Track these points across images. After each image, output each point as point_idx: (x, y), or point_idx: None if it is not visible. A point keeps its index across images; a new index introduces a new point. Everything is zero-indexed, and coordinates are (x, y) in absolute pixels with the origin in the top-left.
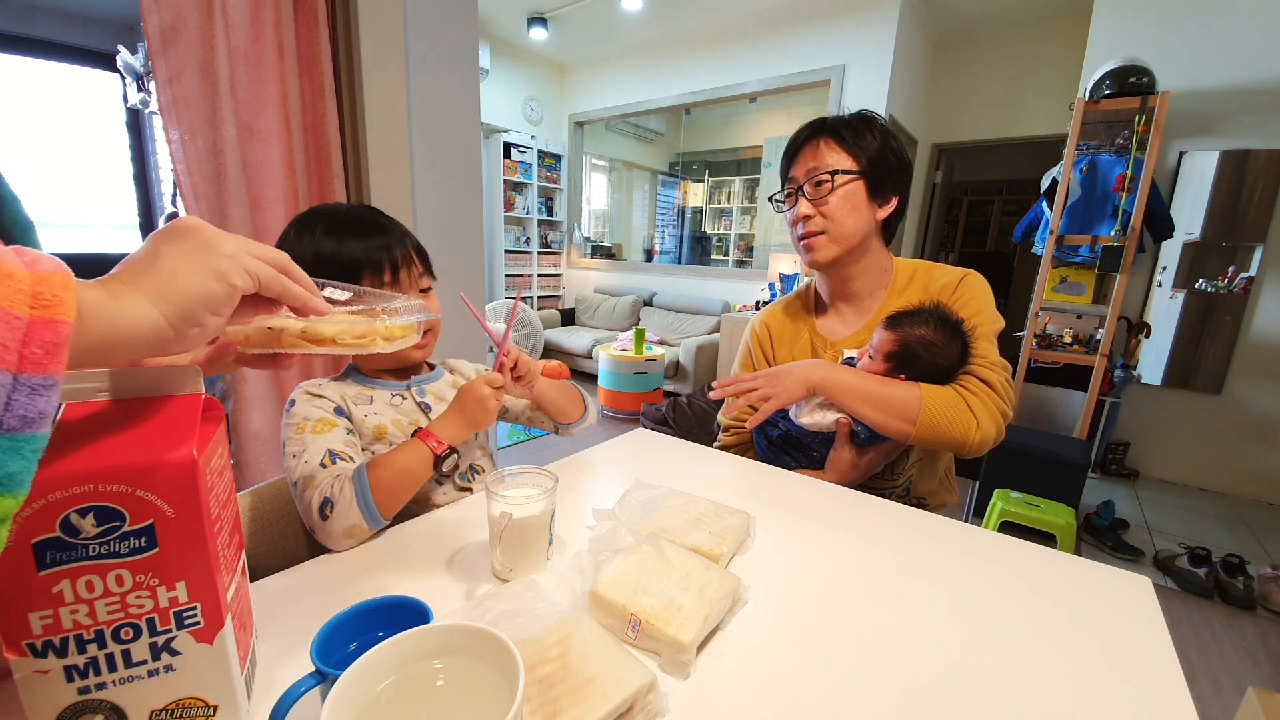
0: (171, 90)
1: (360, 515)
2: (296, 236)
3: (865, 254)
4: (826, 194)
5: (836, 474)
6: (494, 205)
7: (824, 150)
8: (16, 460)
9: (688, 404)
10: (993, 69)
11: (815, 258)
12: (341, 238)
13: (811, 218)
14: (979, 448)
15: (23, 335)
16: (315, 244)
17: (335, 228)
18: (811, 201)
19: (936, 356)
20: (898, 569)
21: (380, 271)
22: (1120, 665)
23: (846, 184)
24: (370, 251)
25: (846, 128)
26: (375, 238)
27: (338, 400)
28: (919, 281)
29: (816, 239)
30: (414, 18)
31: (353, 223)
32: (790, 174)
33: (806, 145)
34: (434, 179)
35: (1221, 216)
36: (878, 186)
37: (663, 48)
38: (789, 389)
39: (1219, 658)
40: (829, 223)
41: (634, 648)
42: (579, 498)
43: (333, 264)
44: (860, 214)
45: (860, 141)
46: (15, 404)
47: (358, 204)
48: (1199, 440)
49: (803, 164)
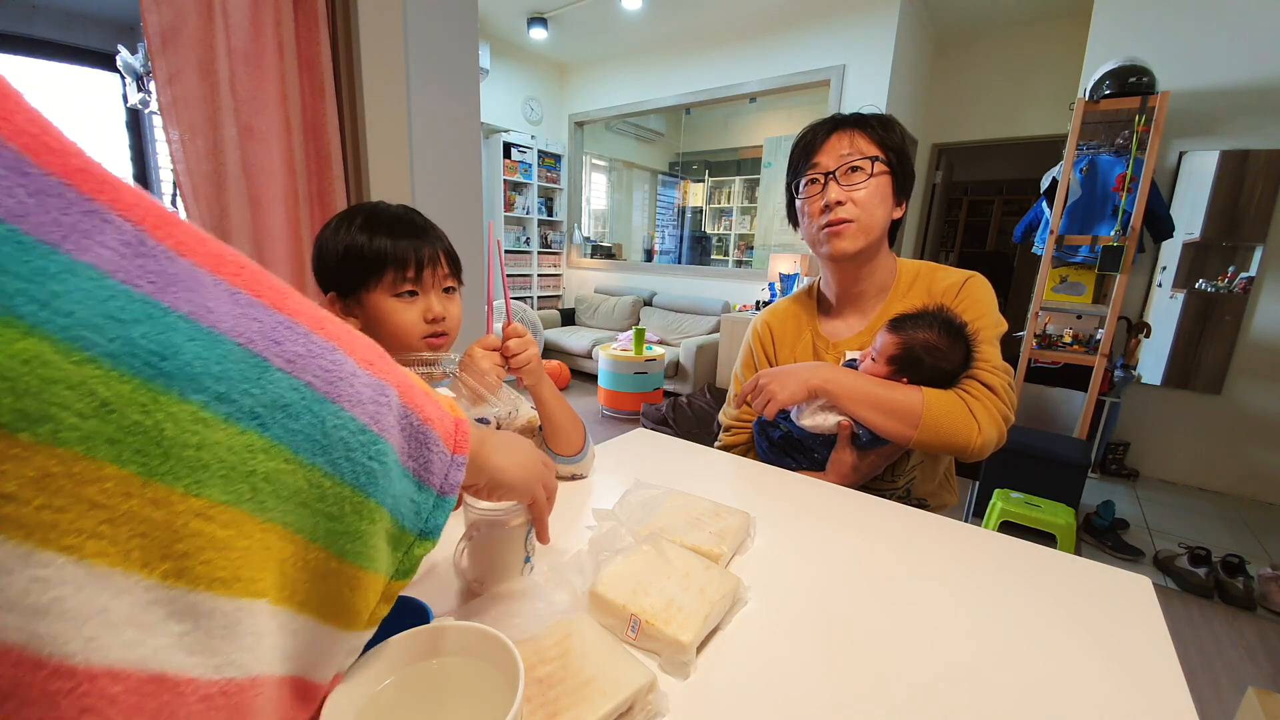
0: (171, 90)
1: None
2: (334, 229)
3: (879, 252)
4: (861, 181)
5: (837, 476)
6: (494, 205)
7: (858, 139)
8: (442, 516)
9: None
10: (993, 69)
11: (842, 246)
12: (373, 233)
13: (843, 204)
14: (980, 452)
15: (453, 429)
16: (349, 237)
17: (370, 224)
18: (844, 188)
19: (940, 360)
20: (898, 569)
21: (405, 268)
22: (1120, 665)
23: (880, 174)
24: (398, 249)
25: (876, 121)
26: (405, 238)
27: None
28: (922, 283)
29: (846, 226)
30: (414, 18)
31: (388, 221)
32: (815, 160)
33: (836, 133)
34: (434, 179)
35: (1221, 216)
36: (901, 184)
37: (663, 48)
38: (791, 391)
39: (1219, 658)
40: (860, 210)
41: (634, 648)
42: (579, 498)
43: (361, 257)
44: (886, 207)
45: (889, 136)
46: (450, 474)
47: (400, 205)
48: (1199, 440)
49: (831, 151)
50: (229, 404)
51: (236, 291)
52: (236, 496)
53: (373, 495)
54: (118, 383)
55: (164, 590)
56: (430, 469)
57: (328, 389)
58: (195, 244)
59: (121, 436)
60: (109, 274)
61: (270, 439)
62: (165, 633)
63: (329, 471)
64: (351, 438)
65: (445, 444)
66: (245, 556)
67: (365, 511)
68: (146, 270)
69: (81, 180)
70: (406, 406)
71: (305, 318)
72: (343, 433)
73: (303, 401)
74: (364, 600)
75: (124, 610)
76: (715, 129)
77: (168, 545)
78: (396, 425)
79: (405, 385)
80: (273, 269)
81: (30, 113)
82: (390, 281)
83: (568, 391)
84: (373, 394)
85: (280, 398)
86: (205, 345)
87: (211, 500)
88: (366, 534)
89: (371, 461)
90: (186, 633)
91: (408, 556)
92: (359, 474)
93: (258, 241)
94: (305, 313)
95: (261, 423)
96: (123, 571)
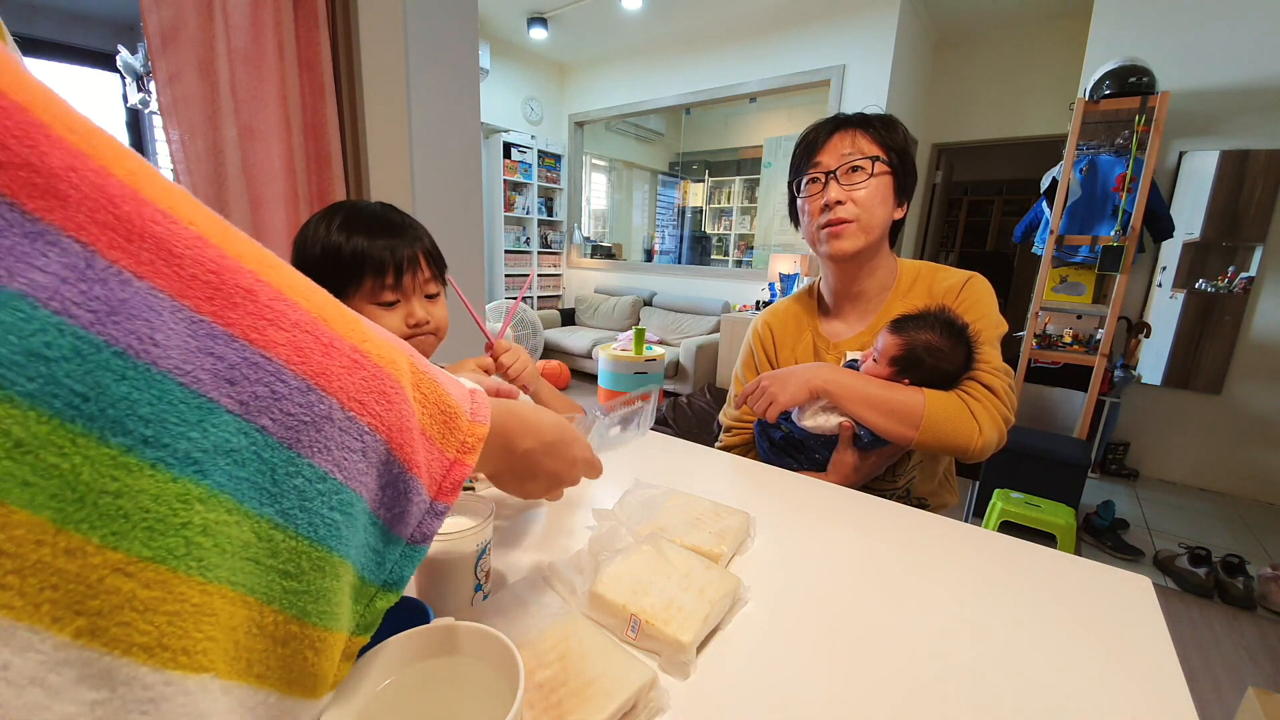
0: (171, 90)
1: None
2: (315, 227)
3: (879, 252)
4: (862, 180)
5: (839, 476)
6: (494, 205)
7: (860, 139)
8: (410, 567)
9: (688, 404)
10: (993, 69)
11: (842, 246)
12: (351, 234)
13: (843, 203)
14: (981, 453)
15: (445, 472)
16: (328, 237)
17: (348, 224)
18: (844, 188)
19: (941, 362)
20: (898, 569)
21: (383, 273)
22: (1120, 665)
23: (882, 174)
24: (375, 250)
25: (879, 121)
26: (382, 238)
27: None
28: (923, 283)
29: (846, 226)
30: (414, 18)
31: (365, 220)
32: (816, 159)
33: (838, 133)
34: (434, 179)
35: (1221, 216)
36: (903, 185)
37: (663, 48)
38: (792, 392)
39: (1219, 658)
40: (860, 210)
41: (634, 648)
42: (579, 498)
43: (338, 259)
44: (887, 207)
45: (892, 136)
46: (425, 523)
47: (379, 202)
48: (1199, 440)
49: (833, 150)
50: (159, 449)
51: (199, 320)
52: (165, 552)
53: (335, 549)
54: (35, 423)
55: (77, 650)
56: (404, 518)
57: (285, 434)
58: (166, 260)
59: (36, 480)
60: (40, 303)
61: (209, 487)
62: (76, 699)
63: (280, 523)
64: (308, 486)
65: (428, 490)
66: (176, 623)
67: (327, 567)
68: (88, 297)
69: (30, 196)
70: (393, 454)
71: (284, 350)
72: (297, 480)
73: (251, 447)
74: (329, 662)
75: (28, 669)
76: (715, 129)
77: (80, 600)
78: (373, 472)
79: (399, 429)
80: None
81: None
82: (370, 289)
83: (568, 391)
84: (347, 439)
85: (225, 442)
86: (137, 385)
87: (131, 555)
88: (330, 592)
89: (333, 512)
90: (100, 702)
91: (369, 609)
92: (317, 525)
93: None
94: (287, 344)
95: (200, 469)
96: (29, 626)
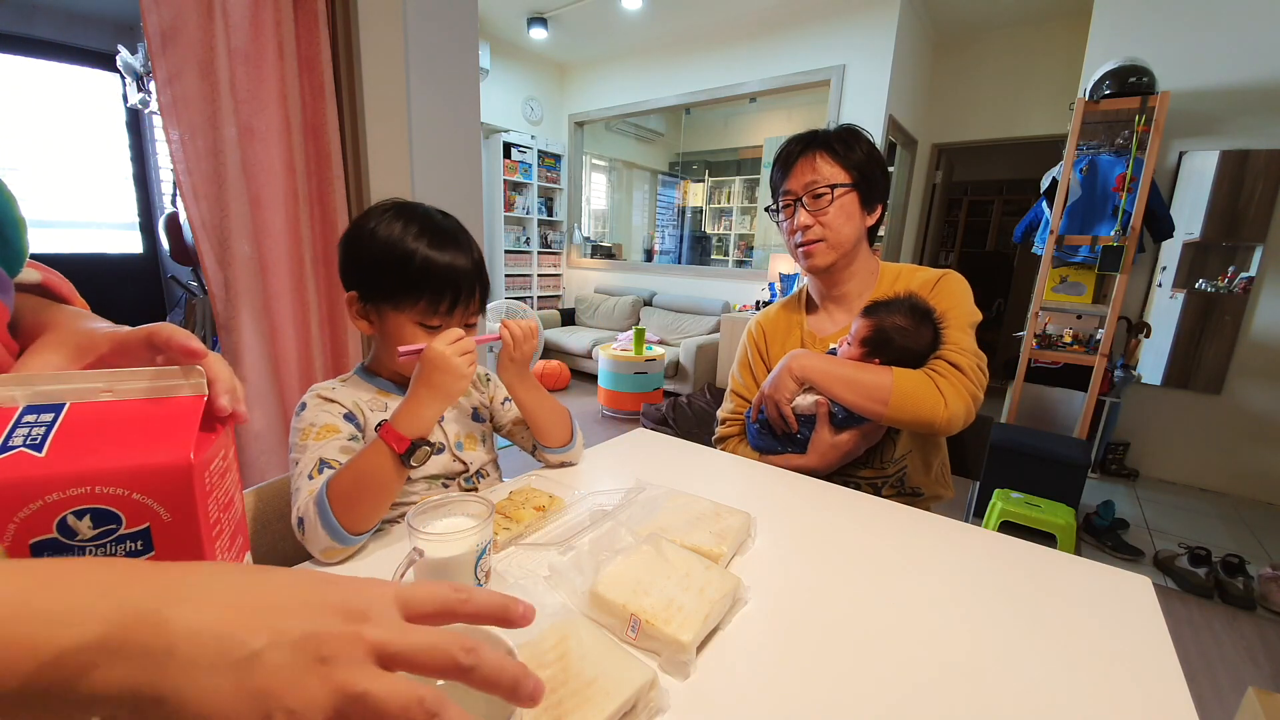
0: (171, 90)
1: (328, 538)
2: (387, 224)
3: (856, 258)
4: (826, 205)
5: (817, 454)
6: (494, 205)
7: (820, 164)
8: None
9: (688, 404)
10: (993, 69)
11: (815, 263)
12: (428, 250)
13: (811, 227)
14: (948, 426)
15: None
16: (399, 246)
17: (422, 234)
18: (811, 213)
19: (908, 341)
20: (898, 569)
21: (439, 302)
22: (1120, 665)
23: (843, 195)
24: (438, 272)
25: (838, 141)
26: (453, 263)
27: (349, 406)
28: (902, 282)
29: (816, 246)
30: (414, 18)
31: (441, 238)
32: (786, 187)
33: (801, 159)
34: (434, 179)
35: (1221, 216)
36: (868, 197)
37: (663, 48)
38: (786, 386)
39: (1219, 658)
40: (827, 230)
41: (634, 648)
42: (579, 497)
43: (401, 272)
44: (854, 222)
45: (851, 155)
46: None
47: (439, 210)
48: (1199, 440)
49: (799, 177)
50: None
51: None
52: None
53: None
54: None
55: None
56: None
57: None
58: None
59: None
60: None
61: None
62: None
63: None
64: None
65: None
66: None
67: None
68: None
69: None
70: None
71: None
72: None
73: None
74: None
75: None
76: (715, 129)
77: None
78: None
79: None
80: (272, 269)
81: None
82: (421, 310)
83: (568, 391)
84: None
85: None
86: None
87: None
88: None
89: None
90: None
91: None
92: None
93: (257, 241)
94: None
95: None
96: None
